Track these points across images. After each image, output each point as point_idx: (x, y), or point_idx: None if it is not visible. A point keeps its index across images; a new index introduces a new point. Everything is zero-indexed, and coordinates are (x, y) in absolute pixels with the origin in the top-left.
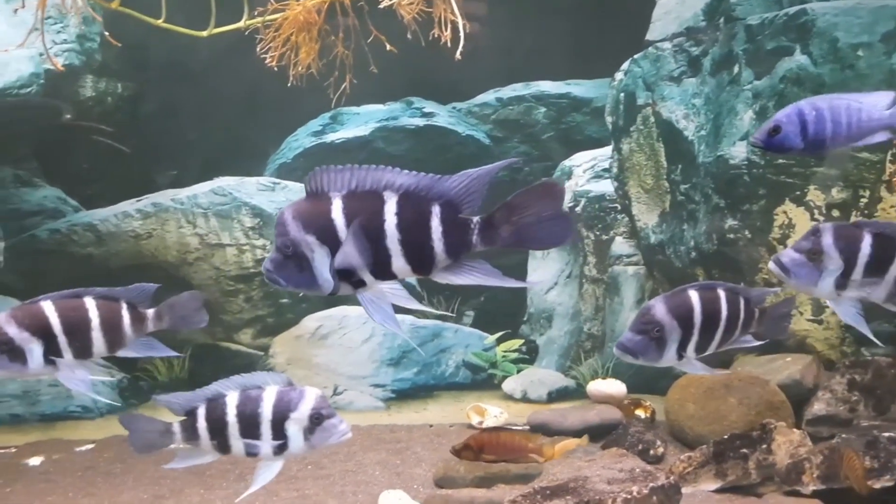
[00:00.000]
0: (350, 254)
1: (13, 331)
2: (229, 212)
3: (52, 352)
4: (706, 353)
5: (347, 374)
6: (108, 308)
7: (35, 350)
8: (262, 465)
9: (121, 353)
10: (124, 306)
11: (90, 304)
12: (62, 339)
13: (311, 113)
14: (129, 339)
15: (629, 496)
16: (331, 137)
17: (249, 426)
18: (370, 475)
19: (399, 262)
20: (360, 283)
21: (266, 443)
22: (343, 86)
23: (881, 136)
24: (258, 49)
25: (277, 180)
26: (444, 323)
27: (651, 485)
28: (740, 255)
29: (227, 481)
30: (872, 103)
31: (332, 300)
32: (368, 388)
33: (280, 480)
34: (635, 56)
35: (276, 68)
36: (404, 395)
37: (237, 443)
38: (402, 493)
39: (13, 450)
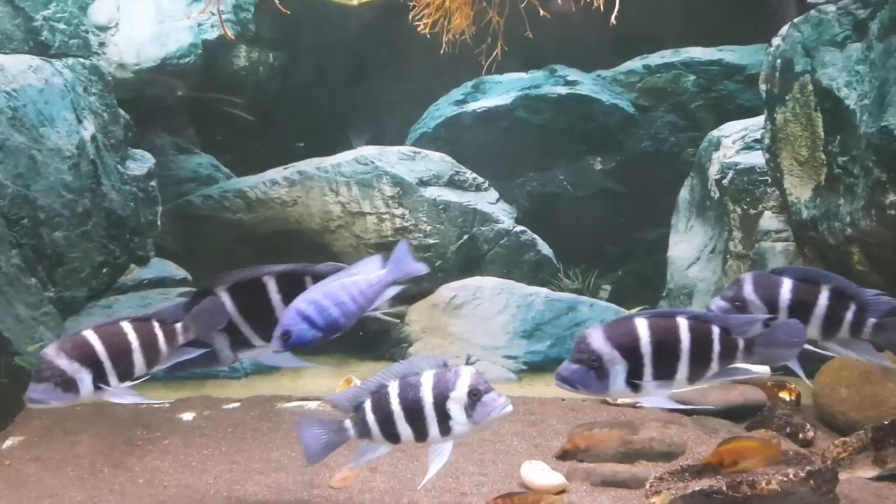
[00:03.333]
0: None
1: (64, 363)
2: (370, 180)
3: (99, 378)
4: (676, 386)
5: (481, 345)
6: (144, 329)
7: (85, 379)
8: (432, 449)
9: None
10: (157, 325)
11: (128, 328)
12: (108, 365)
13: (453, 81)
14: (164, 355)
15: (785, 478)
16: (472, 106)
17: (414, 412)
18: (508, 445)
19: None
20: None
21: (432, 426)
22: (494, 53)
23: (392, 291)
24: (410, 16)
25: (418, 149)
26: (579, 296)
27: (808, 468)
28: None
29: None
30: (366, 272)
31: (469, 270)
32: (501, 360)
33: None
34: (795, 20)
35: (427, 35)
36: (536, 367)
37: (405, 429)
38: (543, 464)
39: (167, 405)
